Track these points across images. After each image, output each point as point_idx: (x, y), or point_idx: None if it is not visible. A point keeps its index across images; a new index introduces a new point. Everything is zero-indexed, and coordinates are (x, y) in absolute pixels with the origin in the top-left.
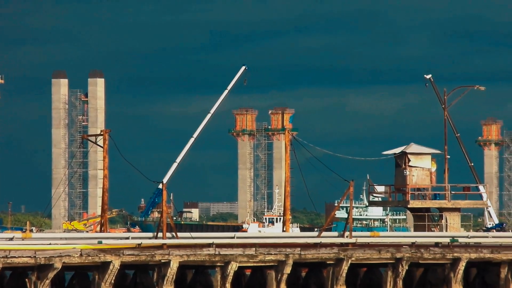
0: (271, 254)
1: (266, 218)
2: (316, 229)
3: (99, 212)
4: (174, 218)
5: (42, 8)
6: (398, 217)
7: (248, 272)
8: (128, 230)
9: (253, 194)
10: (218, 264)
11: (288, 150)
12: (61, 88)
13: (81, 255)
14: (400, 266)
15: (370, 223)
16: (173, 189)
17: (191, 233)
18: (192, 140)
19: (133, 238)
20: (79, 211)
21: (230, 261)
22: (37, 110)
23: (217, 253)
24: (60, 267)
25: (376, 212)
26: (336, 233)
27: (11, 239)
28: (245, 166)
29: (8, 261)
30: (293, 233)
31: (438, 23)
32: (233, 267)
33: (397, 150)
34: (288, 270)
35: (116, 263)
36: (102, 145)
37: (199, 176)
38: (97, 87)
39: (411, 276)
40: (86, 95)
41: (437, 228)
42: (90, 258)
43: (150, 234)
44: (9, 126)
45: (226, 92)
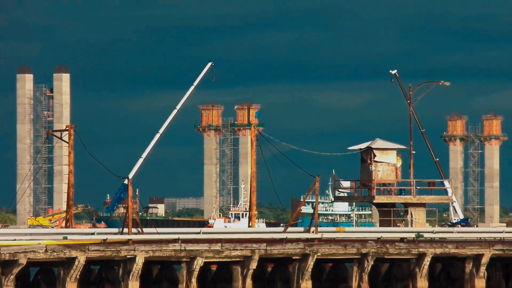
0: (237, 249)
1: (232, 214)
2: (282, 224)
3: (64, 208)
4: (140, 213)
5: (5, 4)
6: (363, 212)
7: (214, 267)
8: (94, 226)
9: (219, 189)
10: (184, 259)
11: (254, 146)
12: (26, 83)
13: (46, 250)
14: (365, 261)
15: (336, 219)
16: (139, 184)
17: (156, 228)
18: (158, 136)
19: (98, 233)
20: (44, 207)
21: (196, 256)
22: (2, 106)
23: (183, 248)
24: (25, 263)
25: (342, 207)
26: (302, 229)
27: None
28: (211, 161)
29: None
30: (259, 229)
31: (404, 19)
32: (199, 262)
33: (363, 146)
34: (254, 265)
35: (81, 258)
36: (67, 141)
37: (165, 172)
38: (63, 82)
39: (376, 271)
40: (51, 90)
41: (403, 223)
42: (55, 253)
43: (115, 230)
44: None
45: (192, 88)
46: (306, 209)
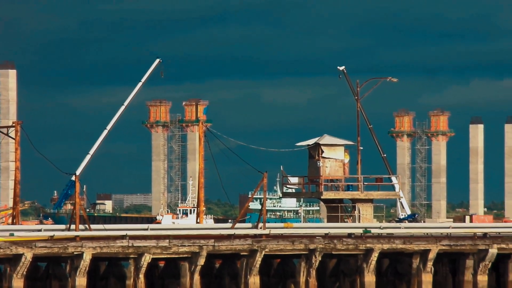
0: (185, 245)
1: (180, 210)
2: (230, 220)
3: (11, 204)
4: (87, 210)
5: None
6: (311, 208)
7: (162, 263)
8: (41, 222)
9: (167, 185)
10: (132, 256)
11: (202, 142)
12: None
13: None
14: (313, 257)
15: (283, 214)
16: (86, 181)
17: (104, 225)
18: (105, 132)
19: (45, 230)
20: None
21: (144, 253)
22: None
23: (130, 245)
24: None
25: (290, 203)
26: (250, 225)
27: None
28: (158, 157)
29: None
30: (207, 225)
31: (353, 16)
32: (146, 259)
33: (311, 142)
34: (202, 261)
35: (28, 255)
36: (14, 137)
37: (113, 168)
38: (9, 78)
39: (324, 266)
40: None
41: (350, 219)
42: (1, 250)
43: (63, 226)
44: None
45: (140, 84)
46: (254, 205)
